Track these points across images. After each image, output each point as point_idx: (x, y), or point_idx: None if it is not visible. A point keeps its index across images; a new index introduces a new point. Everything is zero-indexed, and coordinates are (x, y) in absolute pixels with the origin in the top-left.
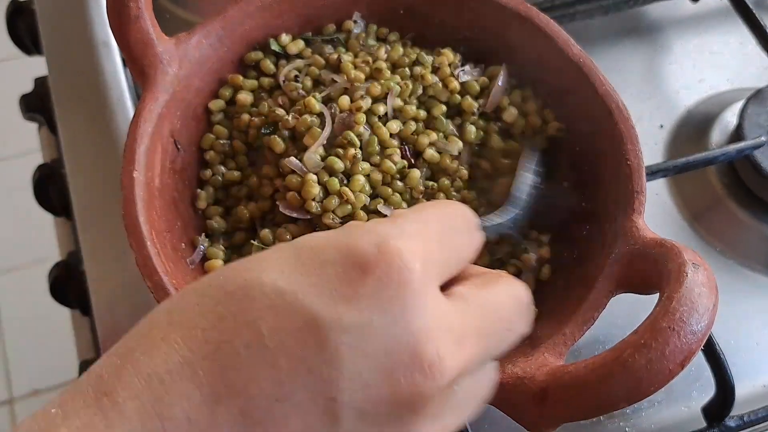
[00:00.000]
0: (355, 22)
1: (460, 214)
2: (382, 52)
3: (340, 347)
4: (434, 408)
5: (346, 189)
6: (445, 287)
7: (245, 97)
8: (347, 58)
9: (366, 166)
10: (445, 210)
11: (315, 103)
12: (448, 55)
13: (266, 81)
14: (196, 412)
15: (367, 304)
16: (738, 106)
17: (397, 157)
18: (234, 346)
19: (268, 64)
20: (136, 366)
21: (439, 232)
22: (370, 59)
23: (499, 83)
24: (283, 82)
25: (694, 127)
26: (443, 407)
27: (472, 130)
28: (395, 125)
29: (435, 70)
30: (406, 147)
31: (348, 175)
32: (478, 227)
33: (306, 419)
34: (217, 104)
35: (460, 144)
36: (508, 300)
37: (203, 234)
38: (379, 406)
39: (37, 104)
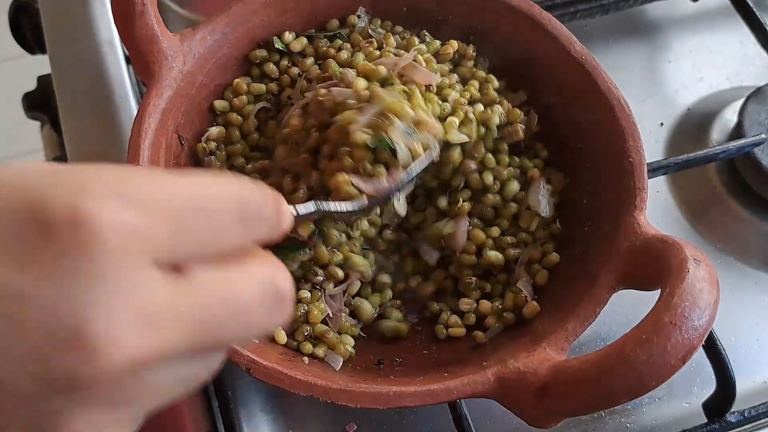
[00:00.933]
0: (359, 16)
1: (231, 196)
2: (391, 40)
3: None
4: (95, 395)
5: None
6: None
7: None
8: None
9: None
10: (214, 188)
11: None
12: (454, 44)
13: (273, 85)
14: None
15: (38, 271)
16: (738, 104)
17: None
18: None
19: (272, 67)
20: None
21: (179, 207)
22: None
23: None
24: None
25: (694, 125)
26: (114, 396)
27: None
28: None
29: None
30: None
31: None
32: (260, 219)
33: None
34: (221, 104)
35: None
36: (251, 285)
37: None
38: (23, 382)
39: (40, 103)
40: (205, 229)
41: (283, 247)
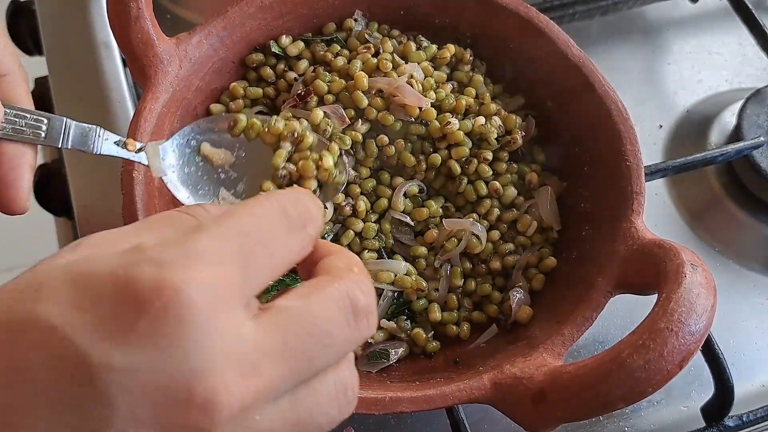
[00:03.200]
0: (355, 20)
1: (275, 211)
2: (388, 45)
3: (111, 386)
4: None
5: None
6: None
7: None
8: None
9: None
10: (259, 211)
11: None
12: (451, 49)
13: (270, 90)
14: None
15: (140, 342)
16: (737, 107)
17: None
18: (3, 381)
19: (268, 71)
20: None
21: (240, 246)
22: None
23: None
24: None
25: (693, 127)
26: None
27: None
28: None
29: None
30: None
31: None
32: (304, 219)
33: None
34: (218, 108)
35: None
36: (328, 308)
37: None
38: None
39: (37, 104)
40: (269, 254)
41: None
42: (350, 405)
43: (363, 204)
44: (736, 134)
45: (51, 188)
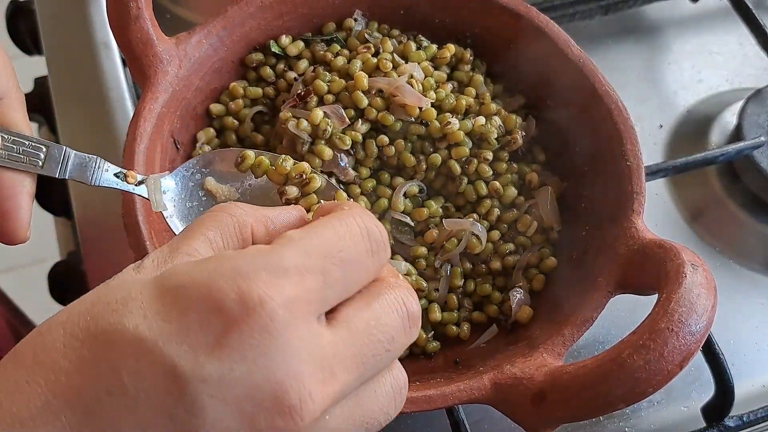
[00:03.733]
0: (355, 20)
1: (359, 234)
2: (388, 45)
3: (201, 396)
4: None
5: None
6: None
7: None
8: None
9: None
10: (343, 230)
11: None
12: (451, 48)
13: (270, 90)
14: None
15: (228, 353)
16: (737, 107)
17: None
18: (96, 391)
19: (268, 71)
20: None
21: (324, 263)
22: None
23: None
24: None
25: (693, 127)
26: None
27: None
28: None
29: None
30: None
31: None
32: (384, 243)
33: None
34: (217, 108)
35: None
36: (390, 315)
37: None
38: None
39: (37, 104)
40: (348, 274)
41: None
42: (403, 402)
43: (363, 204)
44: (737, 134)
45: (51, 188)
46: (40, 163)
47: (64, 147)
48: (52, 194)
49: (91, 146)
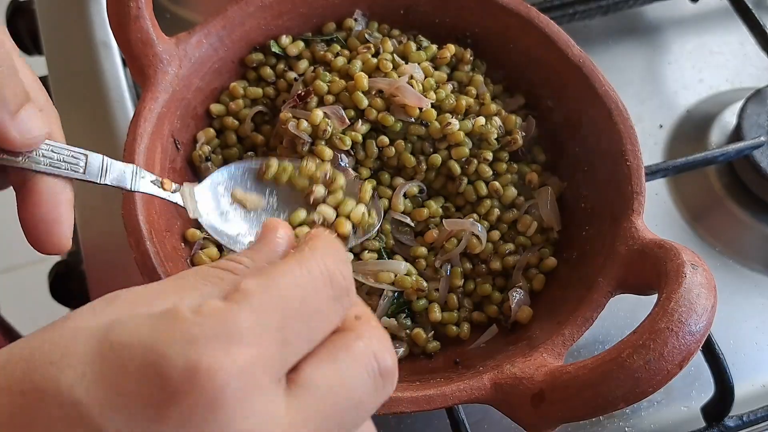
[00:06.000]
0: (356, 20)
1: (321, 280)
2: (389, 45)
3: None
4: None
5: None
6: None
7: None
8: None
9: None
10: (304, 278)
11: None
12: (451, 48)
13: (270, 90)
14: None
15: (173, 428)
16: (737, 106)
17: None
18: None
19: (268, 71)
20: None
21: (283, 319)
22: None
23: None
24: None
25: (693, 127)
26: None
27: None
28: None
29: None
30: None
31: None
32: (347, 289)
33: None
34: (217, 108)
35: None
36: (359, 375)
37: (200, 229)
38: None
39: None
40: (310, 326)
41: None
42: None
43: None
44: (737, 134)
45: None
46: (81, 170)
47: (103, 156)
48: None
49: (91, 146)
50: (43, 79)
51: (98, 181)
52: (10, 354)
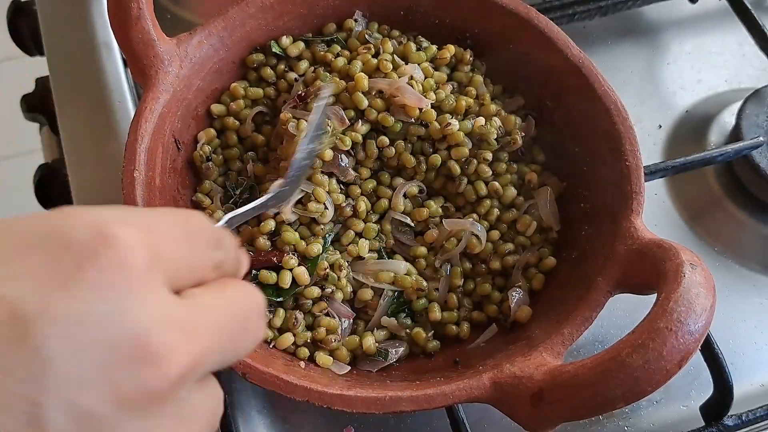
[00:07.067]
0: (356, 20)
1: (199, 225)
2: (389, 45)
3: (48, 340)
4: (166, 412)
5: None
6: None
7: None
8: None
9: None
10: (182, 216)
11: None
12: (451, 49)
13: (271, 91)
14: None
15: (85, 290)
16: (736, 107)
17: None
18: None
19: (269, 71)
20: None
21: (172, 234)
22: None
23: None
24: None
25: (692, 127)
26: (174, 414)
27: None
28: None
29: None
30: None
31: None
32: (220, 240)
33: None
34: (218, 109)
35: None
36: (243, 299)
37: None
38: (100, 408)
39: (38, 104)
40: (197, 255)
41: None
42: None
43: (363, 205)
44: (736, 134)
45: (51, 188)
46: None
47: None
48: (52, 194)
49: (92, 146)
50: (45, 80)
51: None
52: None
